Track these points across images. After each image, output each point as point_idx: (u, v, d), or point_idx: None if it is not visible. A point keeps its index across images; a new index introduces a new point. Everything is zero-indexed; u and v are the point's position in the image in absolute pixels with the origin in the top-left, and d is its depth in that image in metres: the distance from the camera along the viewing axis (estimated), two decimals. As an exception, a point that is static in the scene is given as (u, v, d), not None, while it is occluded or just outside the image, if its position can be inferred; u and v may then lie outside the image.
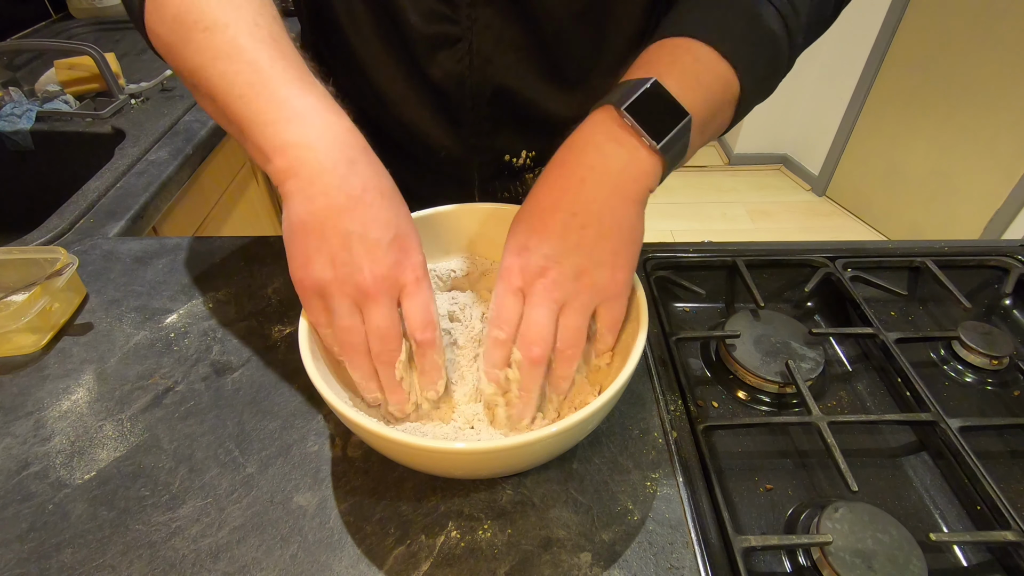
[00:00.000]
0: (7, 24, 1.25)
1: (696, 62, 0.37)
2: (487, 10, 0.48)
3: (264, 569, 0.35)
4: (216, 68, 0.36)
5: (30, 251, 0.53)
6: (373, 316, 0.36)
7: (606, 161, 0.36)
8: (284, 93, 0.36)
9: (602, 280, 0.37)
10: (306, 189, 0.35)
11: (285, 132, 0.35)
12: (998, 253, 0.60)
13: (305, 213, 0.35)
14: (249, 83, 0.35)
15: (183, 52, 0.37)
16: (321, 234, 0.34)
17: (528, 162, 0.60)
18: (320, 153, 0.35)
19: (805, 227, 2.43)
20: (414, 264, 0.37)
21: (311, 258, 0.35)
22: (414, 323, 0.37)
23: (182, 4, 0.37)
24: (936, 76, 2.02)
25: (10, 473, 0.40)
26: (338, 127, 0.36)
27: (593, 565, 0.35)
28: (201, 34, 0.36)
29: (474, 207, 0.49)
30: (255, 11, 0.37)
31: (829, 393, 0.50)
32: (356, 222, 0.35)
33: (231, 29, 0.36)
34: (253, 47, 0.36)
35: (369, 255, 0.35)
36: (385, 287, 0.35)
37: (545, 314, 0.36)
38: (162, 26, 0.38)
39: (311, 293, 0.36)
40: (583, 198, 0.36)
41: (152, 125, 0.92)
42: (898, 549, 0.36)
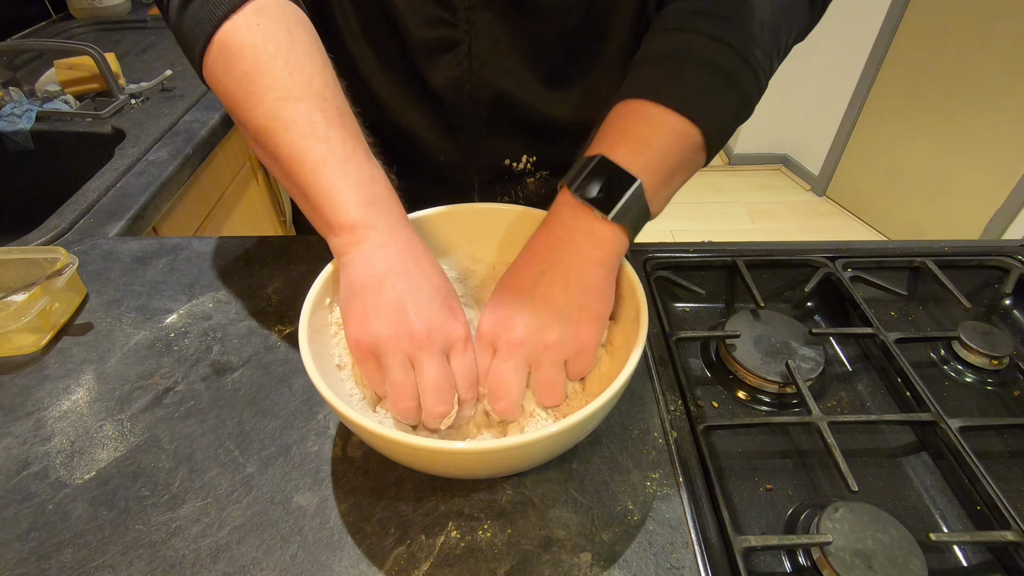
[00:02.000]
0: (7, 24, 1.25)
1: (647, 125, 0.39)
2: (485, 14, 0.48)
3: (264, 569, 0.35)
4: (288, 139, 0.38)
5: (30, 251, 0.53)
6: (427, 368, 0.37)
7: (570, 233, 0.39)
8: (354, 177, 0.38)
9: (567, 336, 0.38)
10: (368, 259, 0.38)
11: (355, 214, 0.38)
12: (998, 253, 0.60)
13: (366, 277, 0.37)
14: (322, 160, 0.38)
15: (252, 111, 0.38)
16: (379, 294, 0.37)
17: (528, 166, 0.60)
18: (385, 233, 0.38)
19: (805, 227, 2.43)
20: (462, 323, 0.40)
21: (369, 317, 0.37)
22: (461, 382, 0.38)
23: (255, 66, 0.38)
24: (936, 76, 2.02)
25: (10, 473, 0.40)
26: (399, 214, 0.40)
27: (593, 565, 0.35)
28: (274, 101, 0.38)
29: (473, 207, 0.49)
30: (323, 82, 0.39)
31: (829, 393, 0.50)
32: (412, 283, 0.38)
33: (304, 103, 0.38)
34: (326, 125, 0.38)
35: (422, 312, 0.37)
36: (437, 340, 0.37)
37: (511, 368, 0.38)
38: (227, 77, 0.39)
39: (367, 352, 0.37)
40: (551, 260, 0.39)
41: (152, 125, 0.92)
42: (898, 549, 0.36)
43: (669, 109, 0.38)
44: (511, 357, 0.38)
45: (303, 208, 0.41)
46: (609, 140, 0.40)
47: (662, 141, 0.39)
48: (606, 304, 0.40)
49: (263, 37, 0.38)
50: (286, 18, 0.40)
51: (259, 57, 0.38)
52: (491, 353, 0.40)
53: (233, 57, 0.38)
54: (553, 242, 0.40)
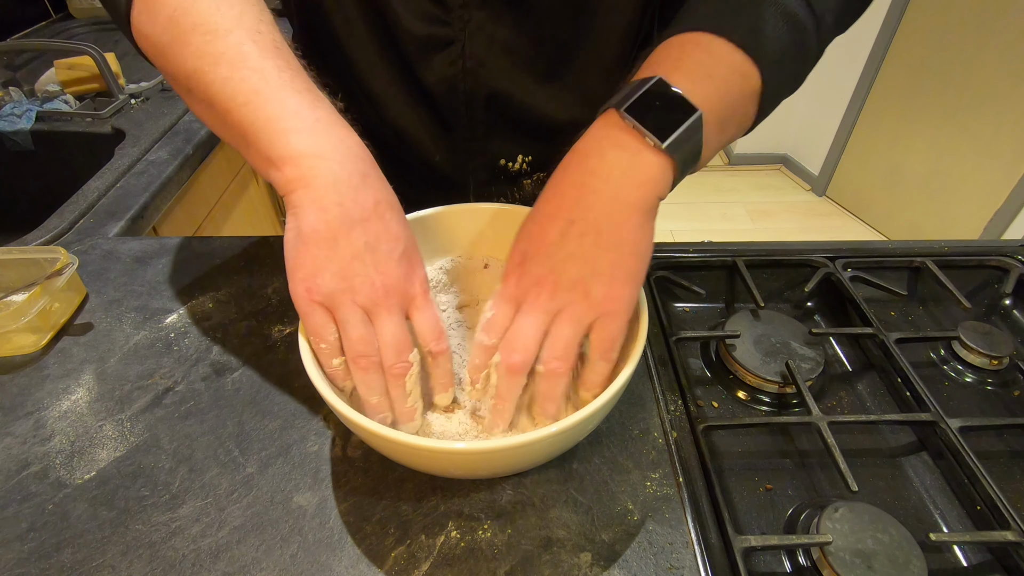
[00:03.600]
0: (7, 24, 1.25)
1: (707, 55, 0.35)
2: (480, 12, 0.48)
3: (264, 569, 0.35)
4: (218, 73, 0.34)
5: (30, 251, 0.53)
6: (386, 326, 0.35)
7: (607, 166, 0.35)
8: (294, 103, 0.35)
9: (598, 293, 0.34)
10: (319, 199, 0.34)
11: (297, 142, 0.34)
12: (998, 253, 0.60)
13: (318, 222, 0.34)
14: (256, 90, 0.34)
15: (179, 55, 0.36)
16: (333, 244, 0.34)
17: (524, 167, 0.60)
18: (334, 164, 0.34)
19: (805, 227, 2.43)
20: (421, 278, 0.38)
21: (321, 267, 0.34)
22: (428, 335, 0.37)
23: (179, 6, 0.36)
24: (936, 76, 2.02)
25: (10, 473, 0.40)
26: (349, 140, 0.36)
27: (593, 565, 0.35)
28: (201, 38, 0.35)
29: (470, 207, 0.49)
30: (256, 18, 0.37)
31: (829, 393, 0.50)
32: (369, 234, 0.35)
33: (234, 35, 0.35)
34: (258, 54, 0.35)
35: (381, 266, 0.35)
36: (396, 298, 0.35)
37: (532, 323, 0.35)
38: (154, 27, 0.37)
39: (315, 304, 0.35)
40: (582, 204, 0.35)
41: (152, 125, 0.92)
42: (898, 549, 0.36)
43: (733, 44, 0.34)
44: (534, 312, 0.35)
45: (243, 152, 0.37)
46: (665, 66, 0.35)
47: (724, 76, 0.34)
48: (642, 260, 0.36)
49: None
50: None
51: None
52: (514, 308, 0.37)
53: (157, 5, 0.36)
54: (586, 178, 0.35)
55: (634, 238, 0.35)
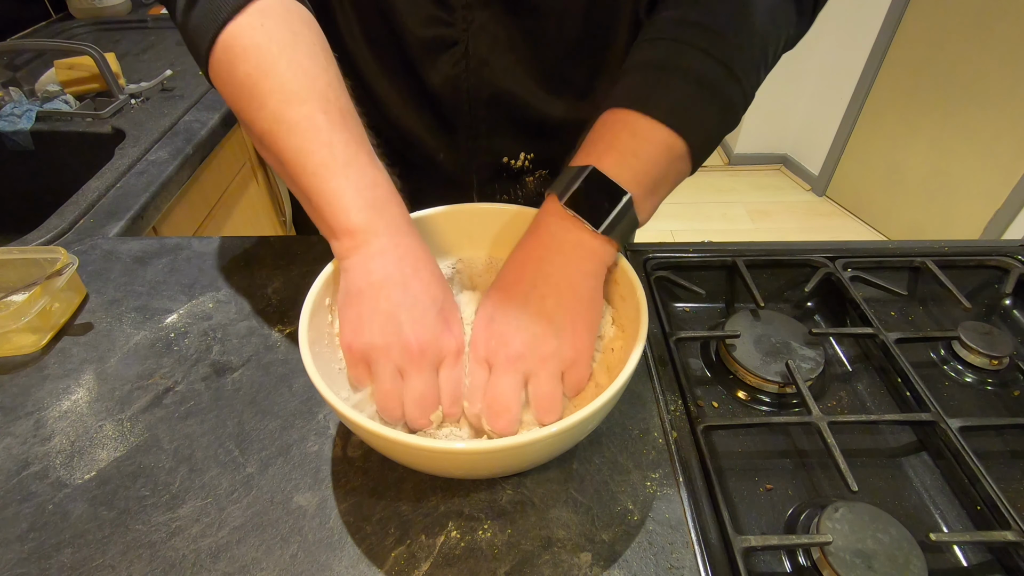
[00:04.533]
0: (7, 24, 1.25)
1: (633, 136, 0.39)
2: (483, 13, 0.48)
3: (264, 569, 0.35)
4: (291, 142, 0.38)
5: (30, 251, 0.53)
6: (414, 382, 0.37)
7: (559, 243, 0.40)
8: (356, 180, 0.38)
9: (563, 347, 0.38)
10: (367, 264, 0.38)
11: (356, 218, 0.38)
12: (998, 253, 0.60)
13: (363, 283, 0.37)
14: (325, 164, 0.38)
15: (255, 115, 0.38)
16: (375, 302, 0.37)
17: (527, 164, 0.60)
18: (385, 239, 0.38)
19: (805, 227, 2.43)
20: (456, 336, 0.40)
21: (363, 324, 0.37)
22: (446, 397, 0.39)
23: (258, 66, 0.38)
24: (936, 76, 2.02)
25: (10, 473, 0.40)
26: (400, 219, 0.40)
27: (593, 565, 0.35)
28: (276, 105, 0.38)
29: (473, 207, 0.49)
30: (326, 82, 0.39)
31: (829, 393, 0.50)
32: (408, 294, 0.37)
33: (307, 105, 0.38)
34: (328, 127, 0.38)
35: (416, 324, 0.37)
36: (428, 355, 0.37)
37: (509, 383, 0.38)
38: (232, 81, 0.39)
39: (358, 357, 0.37)
40: (542, 272, 0.39)
41: (152, 125, 0.92)
42: (898, 549, 0.36)
43: (656, 120, 0.38)
44: (508, 372, 0.38)
45: (308, 211, 0.41)
46: (597, 150, 0.40)
47: (649, 153, 0.39)
48: (597, 314, 0.40)
49: (266, 38, 0.38)
50: (290, 18, 0.40)
51: (263, 59, 0.38)
52: (486, 369, 0.39)
53: (237, 59, 0.38)
54: (542, 252, 0.40)
55: (589, 296, 0.39)
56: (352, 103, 0.41)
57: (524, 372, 0.38)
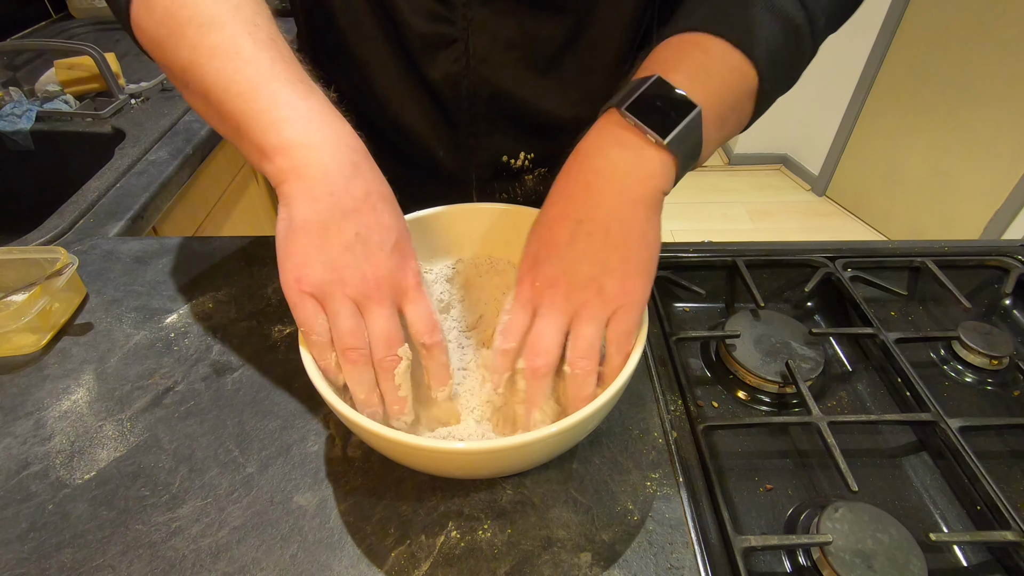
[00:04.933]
0: (7, 24, 1.25)
1: (705, 55, 0.36)
2: (483, 10, 0.48)
3: (264, 569, 0.35)
4: (212, 65, 0.35)
5: (30, 251, 0.53)
6: (376, 319, 0.35)
7: (611, 164, 0.35)
8: (287, 94, 0.35)
9: (612, 288, 0.35)
10: (311, 190, 0.34)
11: (289, 132, 0.34)
12: (998, 253, 0.60)
13: (309, 212, 0.34)
14: (249, 81, 0.34)
15: (175, 48, 0.36)
16: (324, 235, 0.34)
17: (527, 163, 0.60)
18: (325, 155, 0.34)
19: (805, 227, 2.43)
20: (414, 270, 0.37)
21: (312, 258, 0.34)
22: (420, 328, 0.37)
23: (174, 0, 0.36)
24: (936, 76, 2.02)
25: (10, 473, 0.40)
26: (342, 131, 0.36)
27: (593, 565, 0.35)
28: (196, 30, 0.35)
29: (473, 207, 0.49)
30: (252, 11, 0.37)
31: (829, 393, 0.50)
32: (360, 225, 0.34)
33: (228, 27, 0.35)
34: (252, 46, 0.35)
35: (372, 258, 0.35)
36: (388, 291, 0.35)
37: (552, 325, 0.36)
38: (150, 20, 0.37)
39: (306, 295, 0.34)
40: (589, 203, 0.35)
41: (152, 125, 0.92)
42: (898, 549, 0.36)
43: (731, 44, 0.35)
44: (552, 314, 0.36)
45: (238, 145, 0.37)
46: (665, 66, 0.36)
47: (722, 75, 0.35)
48: (652, 251, 0.36)
49: None
50: None
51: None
52: (530, 311, 0.37)
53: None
54: (590, 178, 0.36)
55: (642, 232, 0.35)
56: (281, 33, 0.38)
57: (569, 314, 0.36)
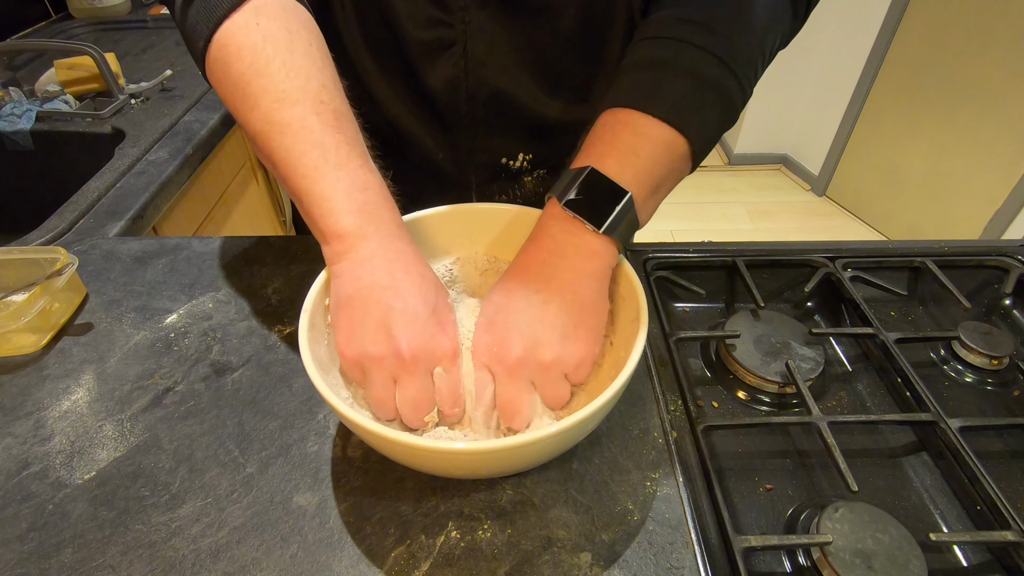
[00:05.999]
0: (7, 24, 1.25)
1: (634, 135, 0.39)
2: (481, 13, 0.48)
3: (264, 569, 0.35)
4: (283, 142, 0.37)
5: (30, 251, 0.53)
6: (407, 387, 0.37)
7: (560, 247, 0.39)
8: (347, 183, 0.38)
9: (567, 352, 0.38)
10: (355, 270, 0.37)
11: (344, 221, 0.37)
12: (998, 253, 0.60)
13: (352, 290, 0.37)
14: (315, 166, 0.37)
15: (248, 114, 0.38)
16: (365, 308, 0.37)
17: (525, 165, 0.60)
18: (373, 244, 0.38)
19: (805, 227, 2.43)
20: (451, 338, 0.39)
21: (355, 331, 0.37)
22: (444, 399, 0.39)
23: (252, 66, 0.38)
24: (936, 76, 2.02)
25: (10, 473, 0.40)
26: (392, 223, 0.39)
27: (593, 565, 0.35)
28: (269, 104, 0.37)
29: (470, 207, 0.49)
30: (320, 84, 0.39)
31: (829, 393, 0.50)
32: (398, 297, 0.37)
33: (299, 106, 0.37)
34: (320, 129, 0.38)
35: (408, 328, 0.37)
36: (421, 360, 0.37)
37: (517, 387, 0.38)
38: (226, 81, 0.39)
39: (353, 363, 0.37)
40: (544, 276, 0.39)
41: (152, 125, 0.92)
42: (898, 549, 0.36)
43: (656, 119, 0.38)
44: (514, 379, 0.38)
45: (302, 213, 0.40)
46: (597, 151, 0.39)
47: (649, 152, 0.38)
48: (601, 318, 0.40)
49: (262, 37, 0.38)
50: (287, 17, 0.40)
51: (257, 58, 0.38)
52: (489, 374, 0.39)
53: (231, 57, 0.38)
54: (544, 256, 0.40)
55: (592, 300, 0.39)
56: (347, 105, 0.41)
57: (529, 377, 0.38)
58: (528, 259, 0.41)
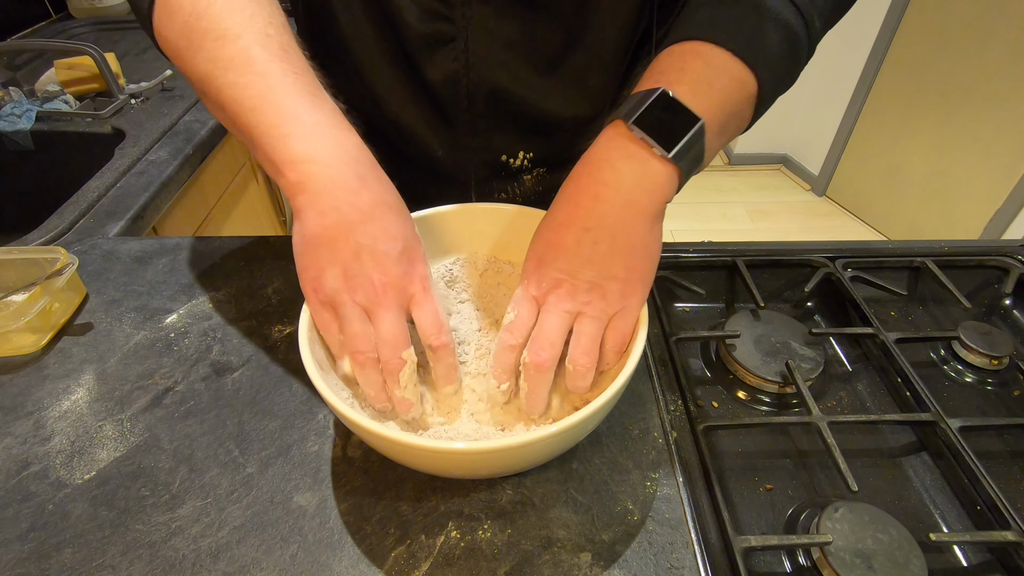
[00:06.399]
0: (7, 24, 1.25)
1: (707, 66, 0.37)
2: (481, 8, 0.48)
3: (264, 569, 0.35)
4: (227, 78, 0.36)
5: (30, 251, 0.53)
6: (383, 323, 0.36)
7: (619, 176, 0.36)
8: (295, 107, 0.36)
9: (614, 293, 0.37)
10: (317, 204, 0.35)
11: (295, 146, 0.35)
12: (998, 253, 0.60)
13: (317, 227, 0.35)
14: (260, 95, 0.36)
15: (193, 59, 0.37)
16: (332, 247, 0.36)
17: (526, 163, 0.60)
18: (331, 168, 0.36)
19: (805, 227, 2.43)
20: (421, 275, 0.38)
21: (323, 270, 0.36)
22: (427, 330, 0.38)
23: (193, 11, 0.37)
24: (936, 76, 2.02)
25: (10, 473, 0.40)
26: (348, 143, 0.37)
27: (593, 565, 0.35)
28: (212, 43, 0.36)
29: (470, 207, 0.49)
30: (265, 20, 0.38)
31: (829, 393, 0.50)
32: (366, 235, 0.36)
33: (243, 39, 0.36)
34: (265, 58, 0.36)
35: (379, 266, 0.36)
36: (394, 295, 0.36)
37: (556, 321, 0.37)
38: (171, 31, 0.38)
39: (322, 304, 0.37)
40: (596, 213, 0.37)
41: (152, 125, 0.92)
42: (898, 549, 0.36)
43: (731, 53, 0.36)
44: (556, 311, 0.37)
45: (253, 154, 0.39)
46: (668, 78, 0.37)
47: (723, 84, 0.36)
48: (653, 262, 0.38)
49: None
50: None
51: (198, 2, 0.37)
52: (535, 306, 0.38)
53: (173, 8, 0.38)
54: (599, 189, 0.37)
55: (644, 242, 0.37)
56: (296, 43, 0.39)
57: (571, 312, 0.37)
58: (580, 190, 0.38)
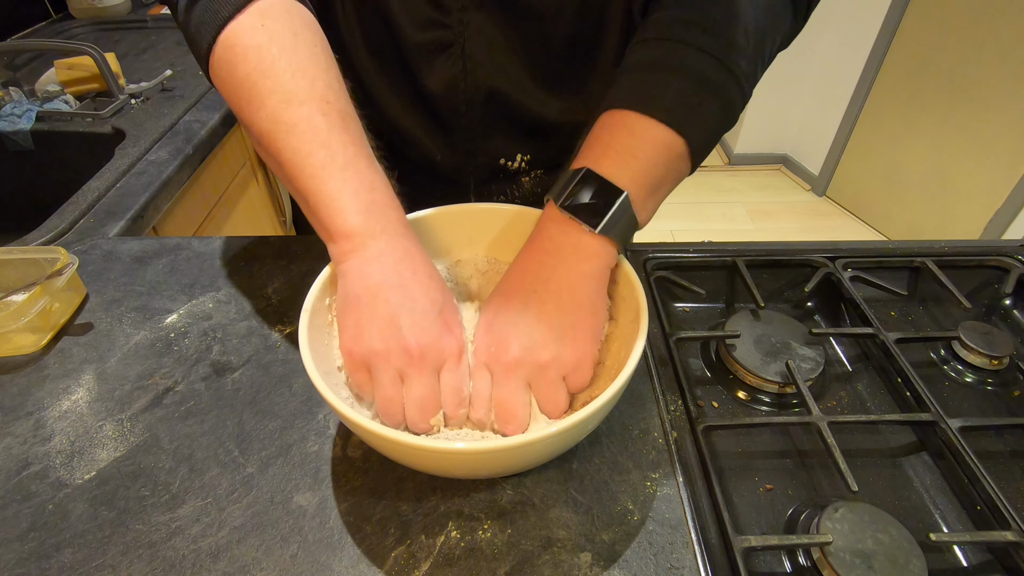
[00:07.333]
0: (7, 24, 1.25)
1: (631, 136, 0.39)
2: (479, 15, 0.48)
3: (264, 569, 0.35)
4: (289, 143, 0.38)
5: (30, 251, 0.53)
6: (414, 385, 0.37)
7: (558, 247, 0.39)
8: (354, 184, 0.38)
9: (563, 352, 0.38)
10: (363, 268, 0.38)
11: (351, 220, 0.38)
12: (998, 253, 0.60)
13: (361, 288, 0.37)
14: (322, 166, 0.37)
15: (255, 115, 0.38)
16: (373, 307, 0.37)
17: (523, 165, 0.60)
18: (382, 242, 0.38)
19: (805, 227, 2.43)
20: (459, 338, 0.40)
21: (362, 329, 0.37)
22: (447, 399, 0.38)
23: (258, 67, 0.38)
24: (936, 76, 2.02)
25: (10, 473, 0.40)
26: (398, 223, 0.40)
27: (593, 565, 0.35)
28: (276, 104, 0.38)
29: (470, 207, 0.49)
30: (326, 84, 0.39)
31: (829, 393, 0.50)
32: (406, 297, 0.37)
33: (306, 107, 0.38)
34: (327, 129, 0.38)
35: (415, 327, 0.37)
36: (429, 358, 0.37)
37: (512, 389, 0.38)
38: (232, 79, 0.39)
39: (359, 364, 0.37)
40: (542, 277, 0.39)
41: (152, 125, 0.92)
42: (898, 549, 0.36)
43: (654, 120, 0.38)
44: (510, 379, 0.38)
45: (306, 213, 0.41)
46: (595, 153, 0.39)
47: (648, 152, 0.38)
48: (599, 319, 0.40)
49: (267, 38, 0.38)
50: (291, 19, 0.40)
51: (262, 59, 0.38)
52: (488, 374, 0.39)
53: (237, 59, 0.38)
54: (542, 257, 0.40)
55: (590, 300, 0.39)
56: (351, 105, 0.41)
57: (525, 378, 0.38)
58: (526, 260, 0.41)
